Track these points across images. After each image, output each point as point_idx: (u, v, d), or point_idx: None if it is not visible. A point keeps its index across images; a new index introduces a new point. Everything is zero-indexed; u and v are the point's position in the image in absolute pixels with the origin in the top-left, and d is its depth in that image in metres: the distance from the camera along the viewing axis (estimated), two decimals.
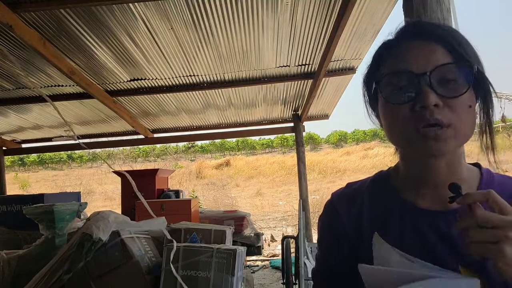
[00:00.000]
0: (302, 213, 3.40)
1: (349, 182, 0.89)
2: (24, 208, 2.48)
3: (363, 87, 0.79)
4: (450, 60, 0.64)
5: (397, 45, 0.70)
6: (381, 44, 0.75)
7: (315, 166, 21.84)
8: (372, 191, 0.80)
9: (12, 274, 2.29)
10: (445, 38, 0.66)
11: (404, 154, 0.76)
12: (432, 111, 0.63)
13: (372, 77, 0.75)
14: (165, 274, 2.05)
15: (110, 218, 2.24)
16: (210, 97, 4.97)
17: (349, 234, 0.78)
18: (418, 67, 0.65)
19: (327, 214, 0.86)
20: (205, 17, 2.94)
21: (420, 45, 0.67)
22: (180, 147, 34.65)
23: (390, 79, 0.68)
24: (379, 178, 0.83)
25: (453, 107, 0.63)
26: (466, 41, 0.68)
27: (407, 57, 0.67)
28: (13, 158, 29.45)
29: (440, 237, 0.68)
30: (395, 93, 0.67)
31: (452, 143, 0.64)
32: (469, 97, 0.65)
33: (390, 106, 0.68)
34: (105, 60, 3.60)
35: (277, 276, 5.78)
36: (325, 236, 0.86)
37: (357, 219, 0.78)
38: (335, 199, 0.85)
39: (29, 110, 5.01)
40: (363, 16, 3.15)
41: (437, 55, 0.65)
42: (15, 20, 2.63)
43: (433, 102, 0.62)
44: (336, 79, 4.68)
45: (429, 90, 0.63)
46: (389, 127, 0.71)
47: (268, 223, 11.47)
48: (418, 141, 0.65)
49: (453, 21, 1.57)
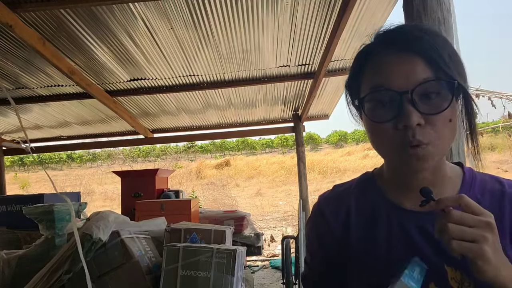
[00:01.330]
0: (302, 213, 3.40)
1: (335, 185, 0.89)
2: (24, 208, 2.48)
3: (345, 92, 0.79)
4: (430, 74, 0.64)
5: (377, 54, 0.69)
6: (361, 49, 0.74)
7: (315, 166, 21.83)
8: (359, 193, 0.81)
9: (12, 274, 2.29)
10: (426, 50, 0.64)
11: (388, 163, 0.77)
12: (414, 131, 0.64)
13: (353, 85, 0.75)
14: (165, 274, 2.05)
15: (110, 218, 2.24)
16: (210, 97, 4.97)
17: (337, 236, 0.79)
18: (399, 85, 0.65)
19: (314, 218, 0.86)
20: (205, 17, 2.94)
21: (400, 59, 0.66)
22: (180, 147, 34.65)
23: (372, 96, 0.68)
24: (365, 180, 0.84)
25: (434, 123, 0.64)
26: (447, 48, 0.66)
27: (388, 73, 0.66)
28: (13, 158, 29.45)
29: (426, 237, 0.69)
30: (377, 110, 0.68)
31: (433, 159, 0.66)
32: (450, 111, 0.65)
33: (373, 123, 0.69)
34: (105, 60, 3.60)
35: (277, 276, 5.78)
36: (312, 240, 0.86)
37: (345, 221, 0.79)
38: (322, 202, 0.86)
39: (29, 110, 5.01)
40: (363, 16, 3.15)
41: (418, 70, 0.64)
42: (15, 20, 2.63)
43: (416, 122, 0.63)
44: (336, 79, 4.68)
45: (412, 109, 0.63)
46: (374, 141, 0.72)
47: (268, 223, 11.47)
48: (402, 159, 0.66)
49: (453, 21, 1.57)
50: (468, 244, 0.55)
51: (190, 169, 23.80)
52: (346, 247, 0.77)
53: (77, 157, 32.75)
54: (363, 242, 0.75)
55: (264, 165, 24.70)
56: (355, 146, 29.54)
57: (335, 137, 34.91)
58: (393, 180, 0.77)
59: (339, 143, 34.32)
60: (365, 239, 0.75)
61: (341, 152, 27.63)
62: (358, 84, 0.73)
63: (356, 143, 32.42)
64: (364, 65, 0.72)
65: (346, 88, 0.79)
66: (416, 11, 1.53)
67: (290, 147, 31.26)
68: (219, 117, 6.10)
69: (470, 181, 0.74)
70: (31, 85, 4.13)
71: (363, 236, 0.75)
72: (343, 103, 0.81)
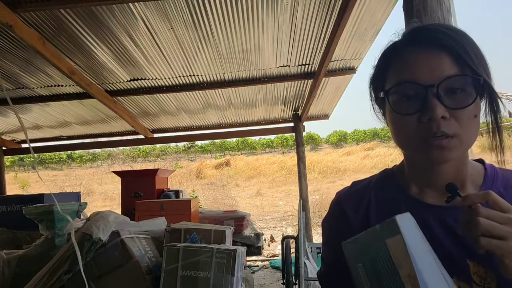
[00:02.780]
0: (302, 213, 3.40)
1: (354, 181, 0.89)
2: (24, 208, 2.48)
3: (369, 87, 0.80)
4: (456, 70, 0.65)
5: (404, 51, 0.70)
6: (388, 45, 0.75)
7: (315, 166, 21.83)
8: (378, 189, 0.81)
9: (12, 274, 2.29)
10: (452, 46, 0.65)
11: (410, 158, 0.77)
12: (438, 124, 0.64)
13: (379, 81, 0.76)
14: (165, 274, 2.05)
15: (110, 218, 2.24)
16: (210, 97, 4.97)
17: (357, 232, 0.79)
18: (425, 79, 0.65)
19: (333, 214, 0.86)
20: (205, 17, 2.94)
21: (427, 55, 0.67)
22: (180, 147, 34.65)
23: (398, 89, 0.69)
24: (385, 176, 0.84)
25: (459, 117, 0.65)
26: (473, 46, 0.67)
27: (414, 67, 0.67)
28: (13, 158, 29.44)
29: (448, 231, 0.69)
30: (402, 103, 0.68)
31: (457, 151, 0.66)
32: (475, 107, 0.66)
33: (398, 115, 0.69)
34: (105, 60, 3.60)
35: (277, 276, 5.78)
36: (333, 237, 0.85)
37: (365, 217, 0.79)
38: (342, 198, 0.86)
39: (29, 110, 5.01)
40: (363, 16, 3.15)
41: (444, 65, 0.65)
42: (15, 20, 2.63)
43: (440, 114, 0.64)
44: (336, 79, 4.68)
45: (437, 102, 0.64)
46: (396, 134, 0.72)
47: (268, 223, 11.47)
48: (425, 151, 0.66)
49: (453, 21, 1.56)
50: (497, 241, 0.54)
51: (190, 169, 23.80)
52: None
53: (77, 157, 32.75)
54: None
55: (264, 165, 24.70)
56: (355, 146, 29.55)
57: (335, 137, 34.92)
58: (414, 176, 0.77)
59: (339, 143, 34.33)
60: None
61: (341, 152, 27.63)
62: (383, 80, 0.74)
63: (356, 143, 32.44)
64: (390, 61, 0.73)
65: (370, 84, 0.79)
66: (416, 11, 1.53)
67: (290, 147, 31.26)
68: (219, 117, 6.10)
69: (492, 177, 0.74)
70: (31, 85, 4.13)
71: None
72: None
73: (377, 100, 0.78)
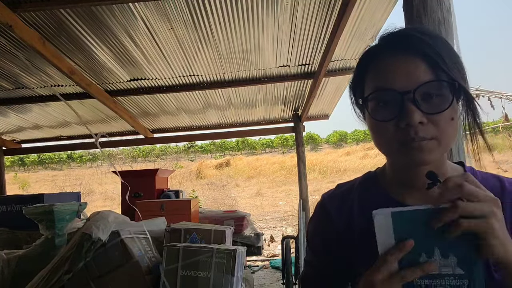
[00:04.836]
0: (302, 213, 3.40)
1: (338, 184, 0.91)
2: (24, 208, 2.48)
3: (349, 91, 0.81)
4: (432, 76, 0.66)
5: (380, 56, 0.71)
6: (365, 51, 0.76)
7: (315, 166, 21.83)
8: (362, 191, 0.83)
9: (12, 274, 2.29)
10: (427, 52, 0.66)
11: (391, 161, 0.79)
12: (416, 129, 0.65)
13: (357, 86, 0.77)
14: (165, 274, 2.05)
15: (110, 218, 2.24)
16: (210, 97, 4.97)
17: (340, 233, 0.80)
18: (401, 85, 0.67)
19: (317, 215, 0.87)
20: (205, 17, 2.94)
21: (402, 61, 0.68)
22: (180, 147, 34.66)
23: (375, 96, 0.70)
24: (368, 178, 0.85)
25: (436, 122, 0.66)
26: (448, 51, 0.68)
27: (390, 74, 0.68)
28: (13, 158, 29.45)
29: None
30: (380, 110, 0.70)
31: (436, 153, 0.67)
32: (451, 110, 0.67)
33: (376, 122, 0.71)
34: (105, 60, 3.60)
35: (277, 276, 5.78)
36: (315, 237, 0.87)
37: (348, 218, 0.81)
38: (325, 200, 0.87)
39: (29, 110, 5.01)
40: (363, 16, 3.15)
41: (419, 71, 0.66)
42: (15, 20, 2.63)
43: (418, 120, 0.65)
44: (336, 79, 4.68)
45: (414, 108, 0.65)
46: (376, 139, 0.74)
47: (268, 223, 11.47)
48: (404, 154, 0.68)
49: (453, 21, 1.56)
50: (477, 220, 0.55)
51: (190, 169, 23.81)
52: (349, 245, 0.78)
53: (77, 157, 32.77)
54: (366, 238, 0.75)
55: (264, 165, 24.70)
56: (355, 146, 29.55)
57: (335, 137, 34.94)
58: (395, 178, 0.78)
59: (339, 143, 34.34)
60: (367, 235, 0.75)
61: (341, 152, 27.63)
62: (362, 85, 0.75)
63: (356, 143, 32.44)
64: (368, 66, 0.74)
65: (350, 88, 0.80)
66: (416, 11, 1.53)
67: (290, 147, 31.26)
68: (219, 117, 6.10)
69: None
70: (31, 85, 4.13)
71: (366, 233, 0.76)
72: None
73: (357, 104, 0.80)
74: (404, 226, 0.60)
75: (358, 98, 0.77)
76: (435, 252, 0.59)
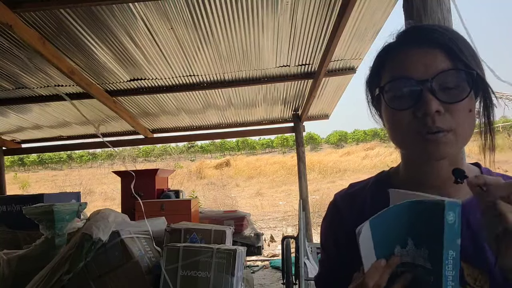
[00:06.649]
0: (302, 213, 3.40)
1: (351, 183, 0.89)
2: (24, 208, 2.48)
3: (365, 89, 0.80)
4: (450, 65, 0.65)
5: (398, 50, 0.71)
6: (382, 47, 0.75)
7: (315, 166, 21.83)
8: (375, 190, 0.82)
9: (12, 274, 2.29)
10: (445, 43, 0.66)
11: (406, 156, 0.77)
12: (433, 118, 0.64)
13: (374, 81, 0.76)
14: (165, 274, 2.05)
15: (110, 218, 2.24)
16: (210, 97, 4.97)
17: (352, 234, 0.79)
18: (419, 74, 0.66)
19: (330, 215, 0.86)
20: (205, 17, 2.94)
21: (420, 52, 0.67)
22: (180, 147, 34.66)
23: (393, 85, 0.69)
24: (381, 178, 0.84)
25: (454, 112, 0.65)
26: (465, 44, 0.68)
27: (408, 64, 0.68)
28: (13, 158, 29.44)
29: None
30: (397, 99, 0.69)
31: (452, 147, 0.66)
32: (469, 101, 0.66)
33: (393, 111, 0.69)
34: (105, 60, 3.60)
35: (277, 276, 5.78)
36: (328, 239, 0.86)
37: (359, 219, 0.79)
38: (338, 200, 0.86)
39: (29, 110, 5.01)
40: (363, 16, 3.15)
41: (438, 61, 0.65)
42: (15, 20, 2.63)
43: (435, 109, 0.64)
44: (336, 79, 4.68)
45: (431, 97, 0.64)
46: (392, 131, 0.72)
47: (268, 223, 11.47)
48: (420, 146, 0.66)
49: (453, 21, 1.56)
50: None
51: (191, 169, 23.81)
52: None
53: (77, 157, 32.75)
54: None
55: (264, 165, 24.70)
56: (355, 146, 29.56)
57: (335, 137, 34.91)
58: (409, 177, 0.77)
59: (339, 143, 34.32)
60: None
61: (341, 152, 27.64)
62: (378, 79, 0.74)
63: (356, 143, 32.43)
64: (385, 61, 0.73)
65: (366, 84, 0.79)
66: (416, 11, 1.53)
67: (290, 147, 31.25)
68: (219, 117, 6.10)
69: None
70: (31, 85, 4.13)
71: None
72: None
73: (373, 101, 0.79)
74: (380, 228, 0.60)
75: (374, 91, 0.76)
76: (409, 243, 0.60)
